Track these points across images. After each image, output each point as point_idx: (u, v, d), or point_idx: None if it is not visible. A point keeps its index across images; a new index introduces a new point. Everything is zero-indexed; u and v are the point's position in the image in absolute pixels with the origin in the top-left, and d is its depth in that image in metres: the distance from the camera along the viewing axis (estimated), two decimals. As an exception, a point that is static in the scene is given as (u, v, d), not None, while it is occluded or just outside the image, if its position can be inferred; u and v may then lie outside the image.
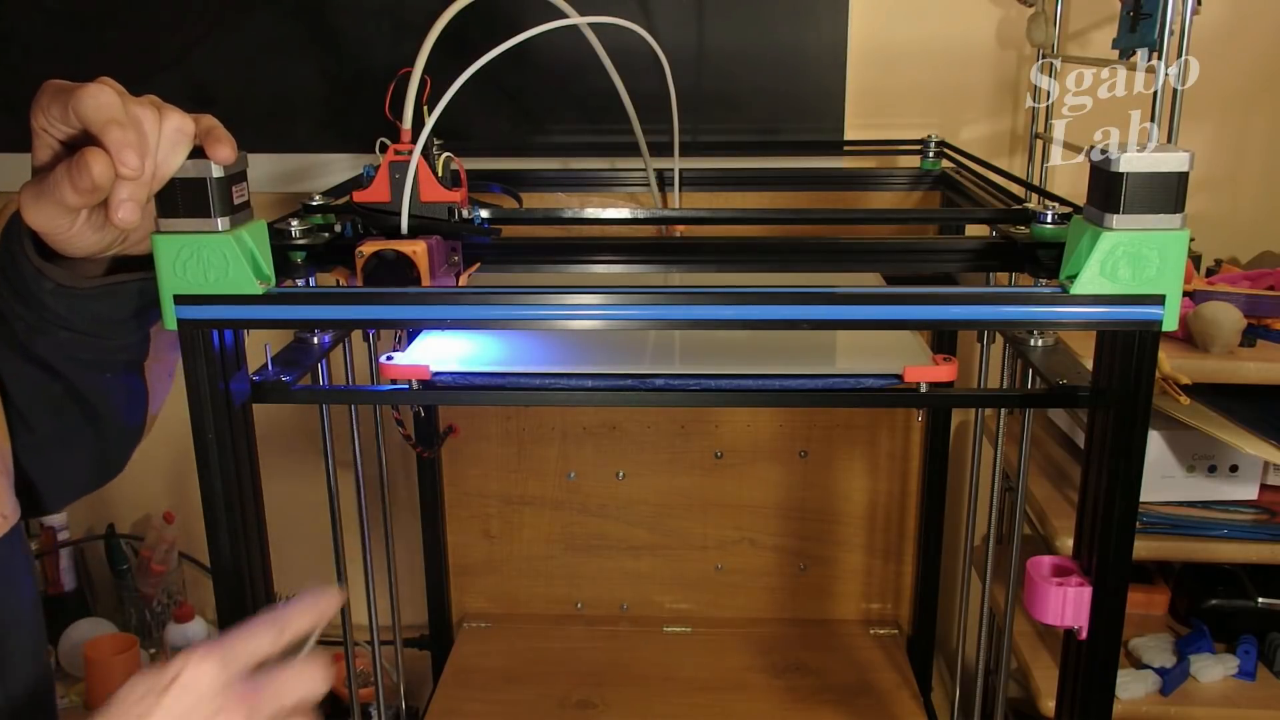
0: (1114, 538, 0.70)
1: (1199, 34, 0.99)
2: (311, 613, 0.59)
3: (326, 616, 0.60)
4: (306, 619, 0.59)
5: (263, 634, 0.57)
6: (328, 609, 0.60)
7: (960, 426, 1.45)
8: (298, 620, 0.58)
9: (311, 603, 0.60)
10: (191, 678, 0.52)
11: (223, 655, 0.54)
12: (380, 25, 1.32)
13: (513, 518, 1.47)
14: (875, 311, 0.66)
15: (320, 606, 0.60)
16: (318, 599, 0.60)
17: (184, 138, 0.62)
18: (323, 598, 0.61)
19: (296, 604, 0.59)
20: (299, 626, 0.58)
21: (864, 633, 1.48)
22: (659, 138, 1.15)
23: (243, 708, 0.53)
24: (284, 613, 0.58)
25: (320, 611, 0.60)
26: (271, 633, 0.57)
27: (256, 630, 0.57)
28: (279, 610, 0.59)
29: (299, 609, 0.59)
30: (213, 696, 0.53)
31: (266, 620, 0.57)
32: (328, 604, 0.60)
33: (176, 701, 0.52)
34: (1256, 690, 1.16)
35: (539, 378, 0.81)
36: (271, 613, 0.58)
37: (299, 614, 0.59)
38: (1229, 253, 1.33)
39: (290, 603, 0.60)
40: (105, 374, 0.71)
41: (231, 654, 0.55)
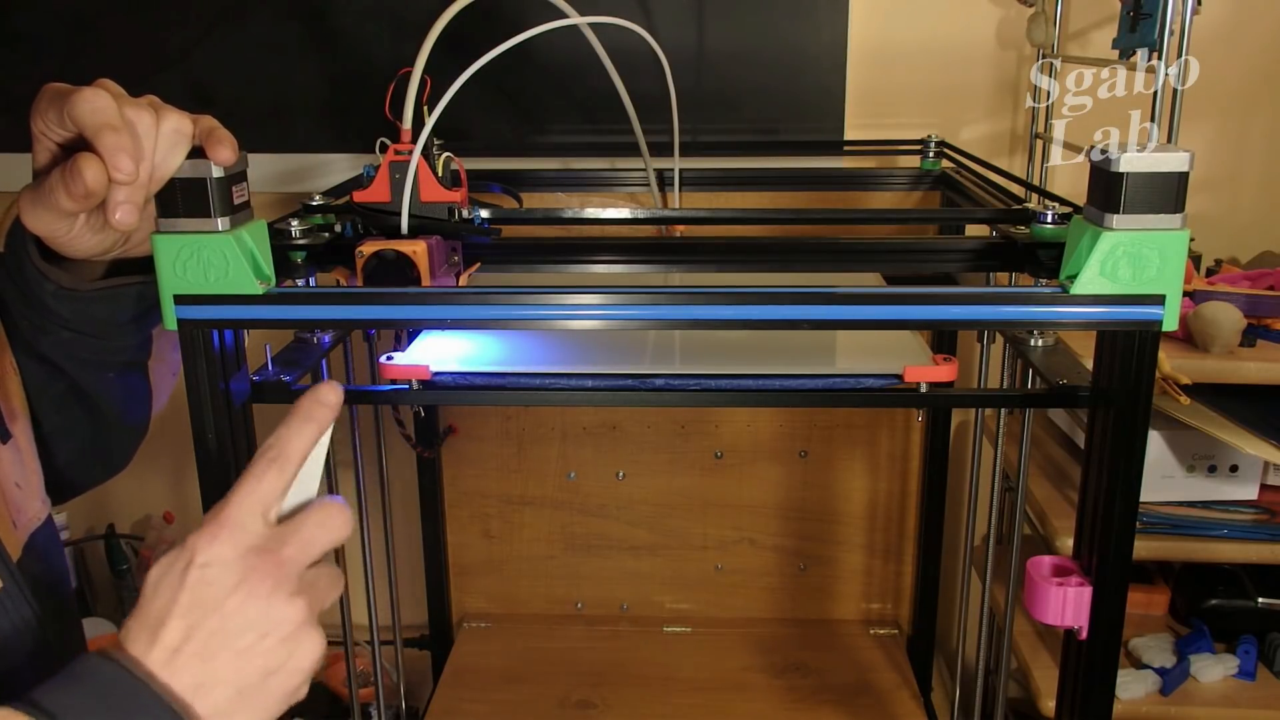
0: (1114, 538, 0.70)
1: (1199, 34, 0.99)
2: (308, 424, 0.54)
3: (329, 419, 0.54)
4: (305, 435, 0.54)
5: (265, 473, 0.52)
6: (325, 412, 0.54)
7: (960, 426, 1.45)
8: (296, 442, 0.53)
9: (304, 412, 0.54)
10: (206, 559, 0.49)
11: (233, 522, 0.50)
12: (380, 25, 1.32)
13: (513, 518, 1.47)
14: (875, 311, 0.66)
15: (316, 412, 0.54)
16: (309, 403, 0.54)
17: (182, 138, 0.62)
18: (314, 401, 0.54)
19: (288, 424, 0.53)
20: (299, 447, 0.53)
21: (864, 633, 1.48)
22: (659, 138, 1.15)
23: (269, 576, 0.50)
24: (280, 441, 0.53)
25: (317, 418, 0.54)
26: (273, 470, 0.52)
27: (257, 475, 0.52)
28: (271, 441, 0.53)
29: (293, 428, 0.53)
30: (235, 574, 0.49)
31: (264, 457, 0.52)
32: (322, 407, 0.54)
33: (199, 589, 0.49)
34: (1256, 690, 1.16)
35: (539, 378, 0.81)
36: (265, 448, 0.52)
37: (295, 434, 0.53)
38: (1229, 253, 1.33)
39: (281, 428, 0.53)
40: (108, 373, 0.71)
41: (242, 515, 0.50)
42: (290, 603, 0.50)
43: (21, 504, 0.67)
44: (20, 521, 0.66)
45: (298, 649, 0.51)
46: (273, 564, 0.50)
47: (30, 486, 0.69)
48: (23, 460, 0.68)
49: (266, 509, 0.52)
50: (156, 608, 0.49)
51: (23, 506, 0.67)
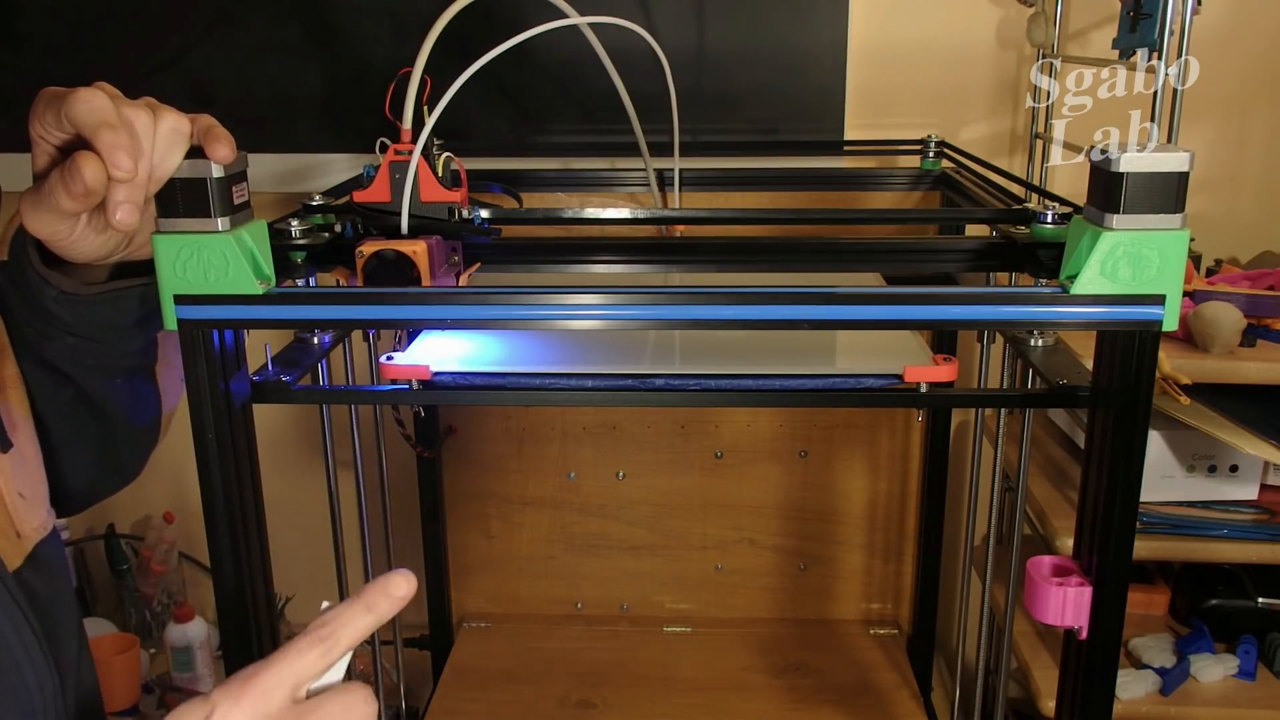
0: (1114, 538, 0.70)
1: (1199, 34, 0.99)
2: (367, 615, 0.52)
3: (390, 614, 0.52)
4: (360, 626, 0.51)
5: (308, 653, 0.50)
6: (390, 606, 0.52)
7: (960, 426, 1.45)
8: (349, 630, 0.51)
9: (367, 601, 0.52)
10: (225, 713, 0.48)
11: (260, 690, 0.49)
12: (380, 25, 1.32)
13: (513, 518, 1.47)
14: (875, 311, 0.66)
15: (380, 604, 0.52)
16: (376, 595, 0.52)
17: (180, 138, 0.62)
18: (381, 592, 0.52)
19: (347, 608, 0.51)
20: (351, 638, 0.51)
21: (864, 633, 1.48)
22: (659, 138, 1.15)
23: None
24: (334, 622, 0.51)
25: (379, 611, 0.52)
26: (317, 651, 0.50)
27: (301, 650, 0.50)
28: (328, 618, 0.51)
29: (351, 616, 0.51)
30: None
31: (313, 635, 0.50)
32: (388, 600, 0.52)
33: None
34: (1256, 690, 1.16)
35: (539, 378, 0.81)
36: (319, 624, 0.51)
37: (351, 621, 0.51)
38: (1229, 253, 1.33)
39: (341, 606, 0.52)
40: (114, 378, 0.71)
41: (271, 685, 0.49)
42: None
43: (25, 513, 0.67)
44: (24, 531, 0.66)
45: None
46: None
47: (35, 496, 0.68)
48: (27, 469, 0.68)
49: (297, 687, 0.50)
50: None
51: (26, 516, 0.67)
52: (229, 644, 0.74)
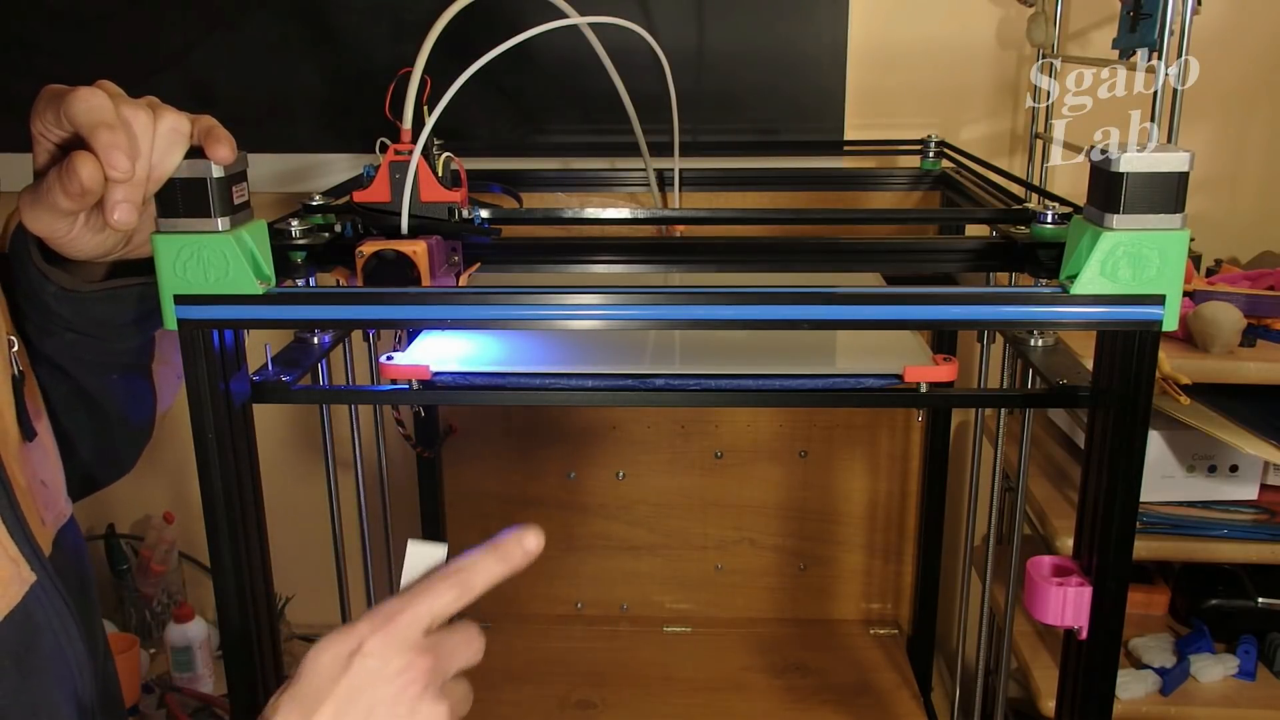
0: (1114, 538, 0.70)
1: (1199, 34, 0.99)
2: (501, 564, 0.56)
3: (522, 565, 0.56)
4: (493, 572, 0.56)
5: (445, 594, 0.54)
6: (523, 558, 0.56)
7: (960, 426, 1.45)
8: (483, 576, 0.55)
9: (503, 551, 0.56)
10: (372, 651, 0.52)
11: (404, 624, 0.53)
12: (380, 25, 1.32)
13: (513, 518, 1.47)
14: (875, 311, 0.66)
15: (514, 555, 0.56)
16: (512, 546, 0.56)
17: (179, 138, 0.62)
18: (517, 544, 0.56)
19: (483, 555, 0.55)
20: (483, 583, 0.55)
21: (864, 633, 1.48)
22: (659, 138, 1.15)
23: (422, 677, 0.52)
24: (469, 568, 0.55)
25: (512, 561, 0.56)
26: (454, 593, 0.54)
27: (439, 590, 0.54)
28: (464, 563, 0.55)
29: (486, 563, 0.55)
30: (394, 669, 0.52)
31: (450, 578, 0.54)
32: (522, 553, 0.56)
33: (358, 678, 0.51)
34: (1256, 690, 1.16)
35: (539, 378, 0.81)
36: (456, 567, 0.55)
37: (485, 568, 0.55)
38: (1229, 253, 1.33)
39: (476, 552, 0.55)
40: (111, 375, 0.72)
41: (413, 620, 0.53)
42: (435, 704, 0.53)
43: (49, 501, 0.67)
44: (48, 518, 0.67)
45: None
46: (428, 666, 0.53)
47: (56, 484, 0.69)
48: (47, 458, 0.69)
49: (433, 624, 0.54)
50: (315, 687, 0.52)
51: (50, 503, 0.67)
52: (229, 644, 0.74)
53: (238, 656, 0.74)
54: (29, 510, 0.63)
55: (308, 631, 1.51)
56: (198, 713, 1.39)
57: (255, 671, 0.75)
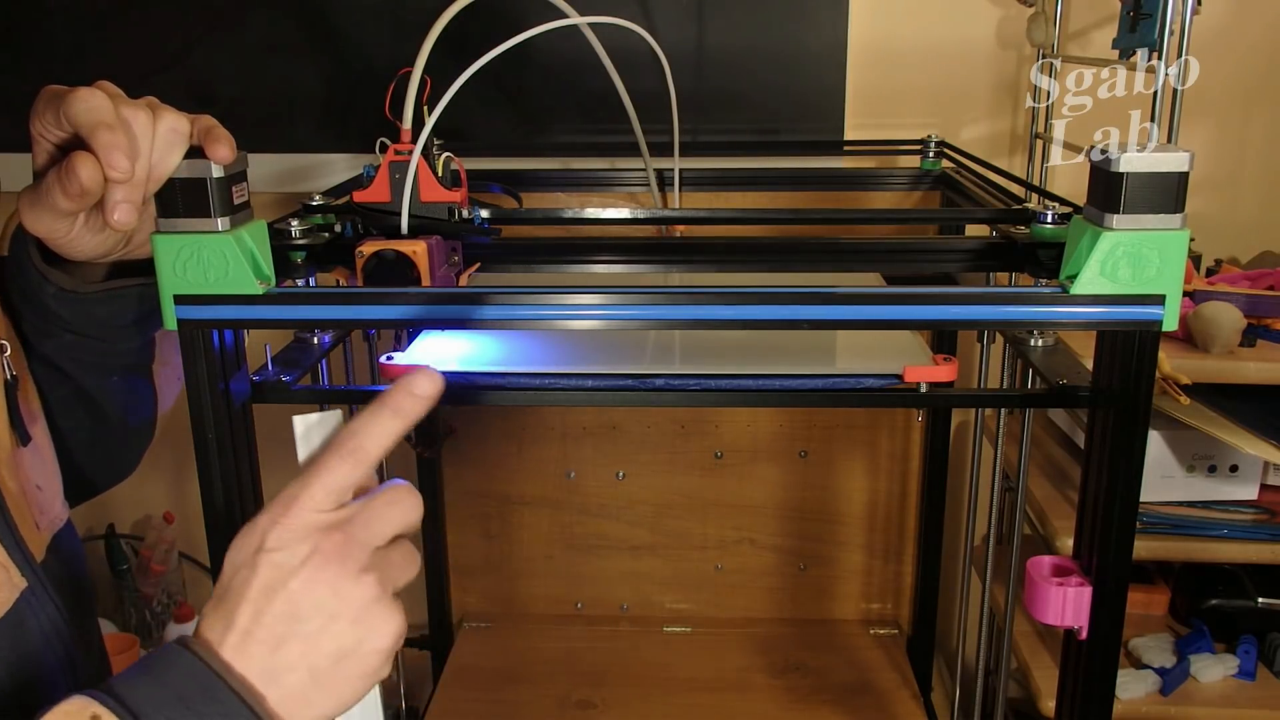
0: (1114, 538, 0.70)
1: (1199, 34, 0.99)
2: (394, 419, 0.51)
3: (418, 414, 0.51)
4: (388, 430, 0.51)
5: (339, 466, 0.50)
6: (416, 405, 0.51)
7: (960, 426, 1.45)
8: (377, 437, 0.50)
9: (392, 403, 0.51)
10: (274, 543, 0.48)
11: (300, 506, 0.49)
12: (380, 25, 1.32)
13: (512, 517, 1.47)
14: (875, 311, 0.66)
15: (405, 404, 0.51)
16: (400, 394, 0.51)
17: (179, 138, 0.62)
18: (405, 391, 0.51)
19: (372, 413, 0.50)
20: (379, 445, 0.51)
21: (864, 633, 1.48)
22: (659, 138, 1.15)
23: (334, 556, 0.48)
24: (361, 431, 0.50)
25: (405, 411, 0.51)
26: (348, 462, 0.50)
27: (332, 464, 0.50)
28: (354, 426, 0.50)
29: (377, 421, 0.50)
30: (300, 556, 0.48)
31: (343, 448, 0.50)
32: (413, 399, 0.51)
33: (266, 572, 0.48)
34: (1256, 690, 1.16)
35: (539, 378, 0.81)
36: (348, 432, 0.50)
37: (377, 427, 0.50)
38: (1229, 253, 1.33)
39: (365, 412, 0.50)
40: (111, 376, 0.72)
41: (310, 500, 0.49)
42: (358, 581, 0.49)
43: (44, 505, 0.67)
44: (43, 523, 0.67)
45: (372, 629, 0.49)
46: (338, 543, 0.49)
47: (52, 489, 0.69)
48: (43, 462, 0.69)
49: (340, 498, 0.50)
50: (231, 593, 0.49)
51: (45, 508, 0.67)
52: (229, 644, 0.74)
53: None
54: (21, 516, 0.63)
55: (308, 631, 1.51)
56: (198, 713, 1.39)
57: (255, 671, 0.74)
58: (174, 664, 0.48)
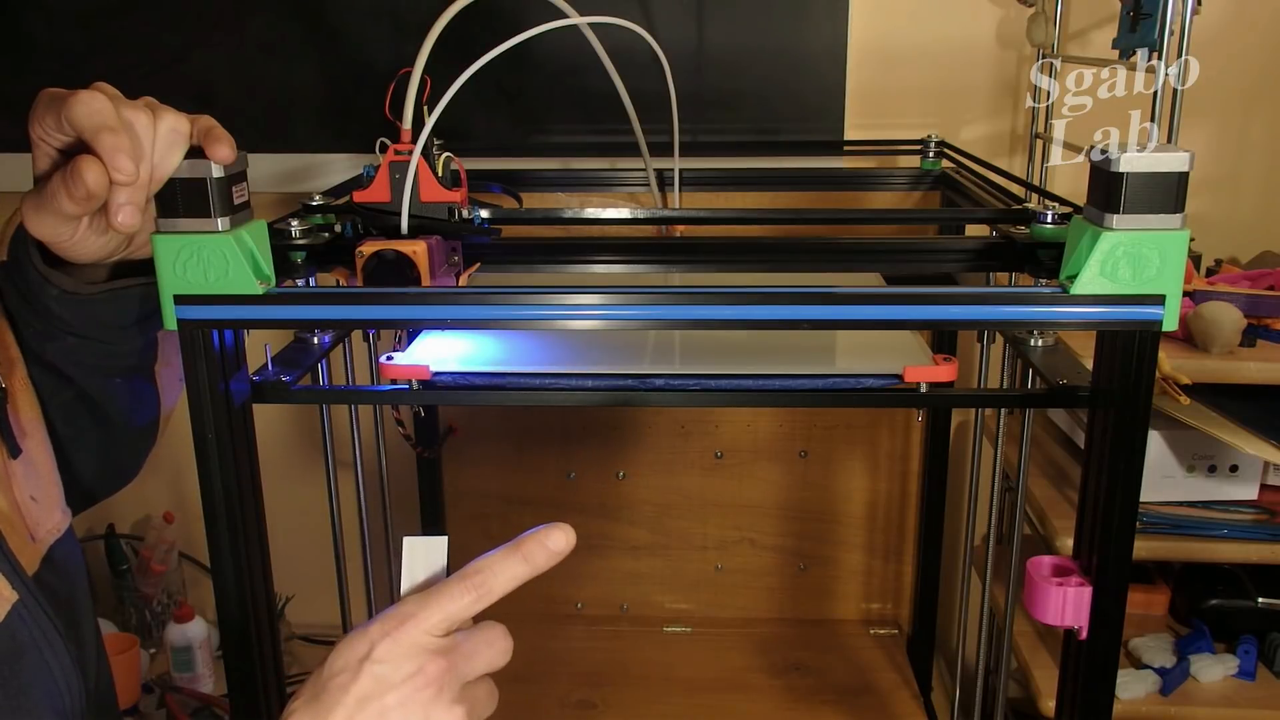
0: (1114, 538, 0.70)
1: (1199, 34, 0.99)
2: (523, 565, 0.54)
3: (546, 566, 0.54)
4: (515, 574, 0.54)
5: (462, 596, 0.53)
6: (547, 559, 0.54)
7: (960, 426, 1.45)
8: (504, 578, 0.53)
9: (525, 552, 0.54)
10: (383, 657, 0.51)
11: (418, 628, 0.52)
12: (380, 25, 1.32)
13: (513, 517, 1.47)
14: (875, 311, 0.65)
15: (537, 556, 0.54)
16: (534, 546, 0.54)
17: (180, 138, 0.62)
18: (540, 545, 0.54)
19: (504, 555, 0.54)
20: (504, 586, 0.53)
21: (864, 633, 1.48)
22: (659, 138, 1.15)
23: (435, 681, 0.51)
24: (489, 569, 0.53)
25: (536, 563, 0.54)
26: (472, 595, 0.53)
27: (455, 592, 0.53)
28: (483, 564, 0.53)
29: (507, 564, 0.53)
30: (405, 673, 0.51)
31: (469, 580, 0.53)
32: (546, 553, 0.54)
33: (369, 684, 0.50)
34: (1256, 690, 1.16)
35: (539, 378, 0.81)
36: (474, 570, 0.53)
37: (507, 569, 0.53)
38: (1229, 253, 1.33)
39: (498, 552, 0.53)
40: (114, 378, 0.71)
41: (427, 625, 0.52)
42: (449, 710, 0.52)
43: (39, 517, 0.67)
44: (38, 534, 0.67)
45: None
46: (442, 669, 0.52)
47: (49, 499, 0.69)
48: (38, 473, 0.68)
49: (450, 628, 0.53)
50: (328, 695, 0.51)
51: (40, 520, 0.67)
52: (229, 644, 0.74)
53: (238, 656, 0.74)
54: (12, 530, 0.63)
55: (308, 631, 1.51)
56: (198, 713, 1.39)
57: (255, 672, 0.75)
58: None
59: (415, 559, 0.56)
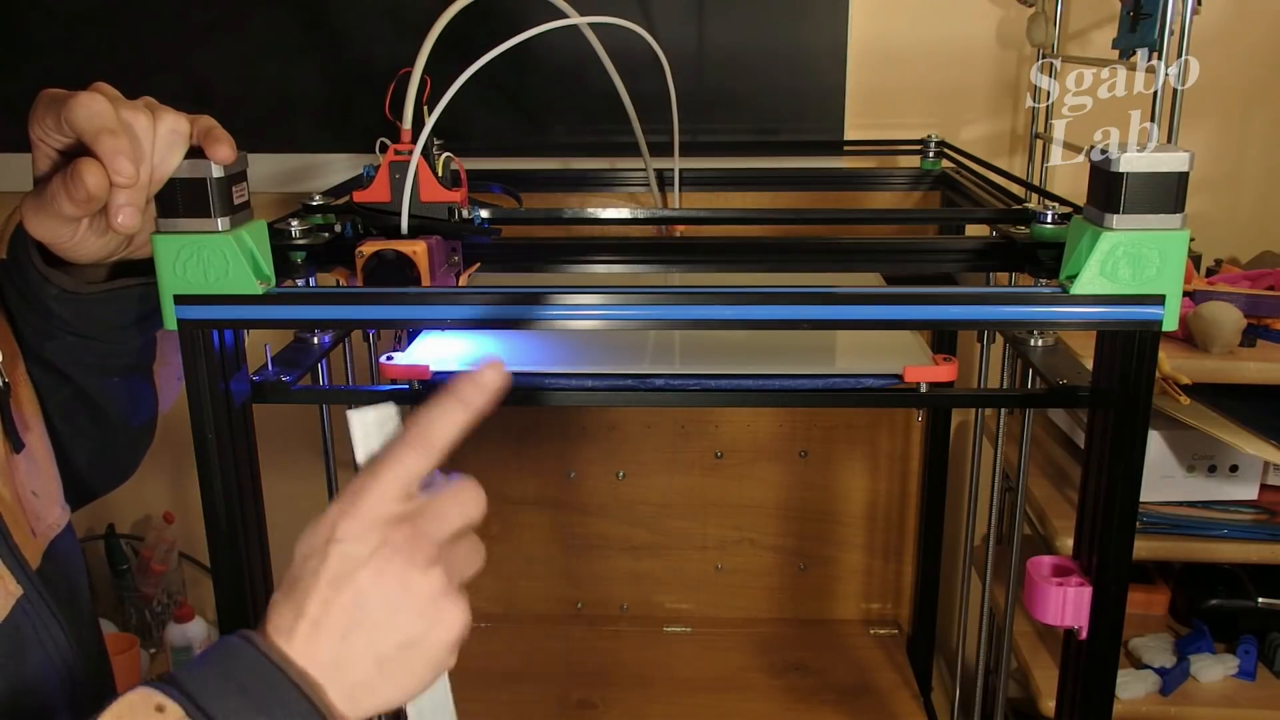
0: (1114, 538, 0.70)
1: (1199, 34, 0.99)
2: (459, 409, 0.52)
3: (483, 405, 0.52)
4: (453, 420, 0.52)
5: (408, 458, 0.51)
6: (482, 397, 0.52)
7: (960, 426, 1.45)
8: (445, 428, 0.52)
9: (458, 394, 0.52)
10: (344, 533, 0.49)
11: (371, 497, 0.50)
12: (380, 25, 1.32)
13: (512, 517, 1.47)
14: (875, 311, 0.66)
15: (471, 395, 0.52)
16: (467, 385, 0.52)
17: (179, 138, 0.62)
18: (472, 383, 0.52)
19: (439, 405, 0.52)
20: (447, 434, 0.52)
21: (864, 633, 1.48)
22: (659, 138, 1.15)
23: (402, 548, 0.49)
24: (429, 422, 0.51)
25: (471, 402, 0.52)
26: (417, 453, 0.51)
27: (401, 455, 0.51)
28: (422, 418, 0.51)
29: (446, 413, 0.52)
30: (369, 547, 0.49)
31: (411, 440, 0.51)
32: (479, 391, 0.52)
33: (336, 563, 0.49)
34: (1256, 690, 1.16)
35: (539, 378, 0.81)
36: (416, 425, 0.51)
37: (443, 417, 0.52)
38: (1229, 253, 1.33)
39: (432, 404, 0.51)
40: (112, 377, 0.71)
41: (380, 491, 0.50)
42: (426, 573, 0.50)
43: (40, 512, 0.67)
44: (39, 529, 0.67)
45: (437, 620, 0.50)
46: (407, 536, 0.50)
47: (49, 494, 0.69)
48: (39, 468, 0.68)
49: (408, 489, 0.51)
50: (301, 583, 0.50)
51: (41, 514, 0.67)
52: (229, 644, 0.74)
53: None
54: (15, 523, 0.63)
55: (308, 631, 1.51)
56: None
57: (255, 671, 0.74)
58: (236, 656, 0.48)
59: (369, 433, 0.53)
